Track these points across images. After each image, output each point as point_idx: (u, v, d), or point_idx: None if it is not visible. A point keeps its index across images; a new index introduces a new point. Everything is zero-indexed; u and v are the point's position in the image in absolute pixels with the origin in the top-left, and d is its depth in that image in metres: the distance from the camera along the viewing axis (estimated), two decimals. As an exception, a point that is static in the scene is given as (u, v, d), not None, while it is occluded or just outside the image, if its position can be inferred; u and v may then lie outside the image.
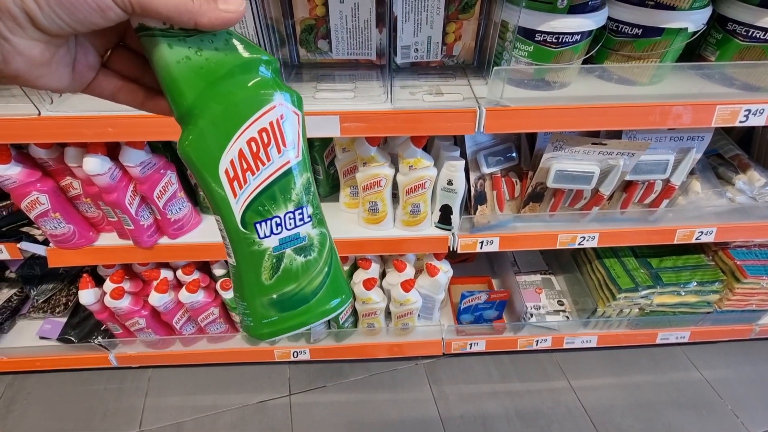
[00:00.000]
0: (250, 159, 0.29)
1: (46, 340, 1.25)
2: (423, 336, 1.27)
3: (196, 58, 0.27)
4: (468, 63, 0.89)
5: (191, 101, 0.28)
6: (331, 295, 0.35)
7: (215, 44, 0.27)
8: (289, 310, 0.34)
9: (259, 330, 0.34)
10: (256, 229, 0.31)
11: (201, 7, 0.25)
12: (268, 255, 0.32)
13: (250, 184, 0.30)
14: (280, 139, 0.30)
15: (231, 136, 0.29)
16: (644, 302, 1.17)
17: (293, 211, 0.32)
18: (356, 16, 0.81)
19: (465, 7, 0.80)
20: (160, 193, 0.92)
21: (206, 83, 0.27)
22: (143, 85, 0.32)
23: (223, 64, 0.28)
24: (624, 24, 0.77)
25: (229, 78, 0.28)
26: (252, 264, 0.32)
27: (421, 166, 0.90)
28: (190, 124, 0.28)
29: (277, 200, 0.31)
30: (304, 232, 0.33)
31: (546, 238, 1.04)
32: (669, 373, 1.33)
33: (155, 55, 0.27)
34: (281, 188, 0.31)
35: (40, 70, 0.26)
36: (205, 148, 0.29)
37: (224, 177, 0.29)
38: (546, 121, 0.79)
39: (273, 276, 0.32)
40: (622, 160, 0.88)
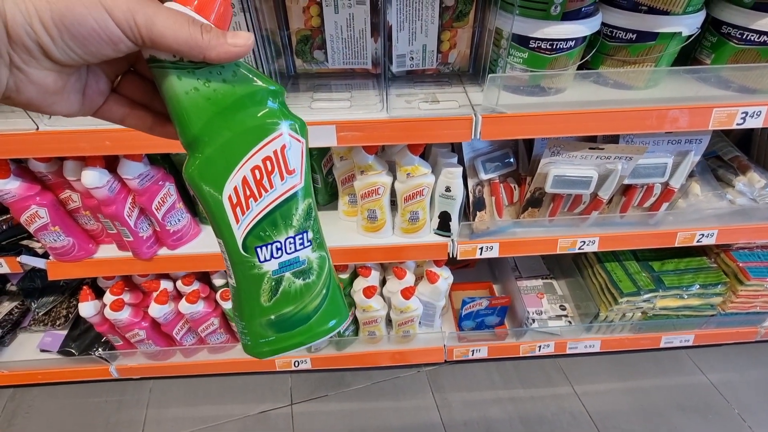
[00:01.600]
0: (254, 186, 0.30)
1: (47, 352, 1.25)
2: (424, 343, 1.26)
3: (204, 89, 0.28)
4: (463, 70, 0.89)
5: (198, 130, 0.29)
6: (328, 316, 0.36)
7: (223, 75, 0.28)
8: (286, 331, 0.34)
9: (256, 349, 0.35)
10: (256, 253, 0.32)
11: (210, 41, 0.26)
12: (267, 278, 0.33)
13: (253, 210, 0.31)
14: (284, 167, 0.31)
15: (235, 165, 0.30)
16: (647, 306, 1.16)
17: (294, 236, 0.33)
18: (351, 27, 0.81)
19: (459, 15, 0.80)
20: (159, 204, 0.92)
21: (213, 113, 0.28)
22: (152, 110, 0.32)
23: (230, 94, 0.29)
24: (618, 29, 0.77)
25: (236, 108, 0.29)
26: (251, 286, 0.33)
27: (419, 173, 0.90)
28: (196, 151, 0.29)
29: (278, 226, 0.32)
30: (304, 256, 0.33)
31: (546, 243, 1.04)
32: (674, 377, 1.32)
33: (165, 85, 0.28)
34: (283, 214, 0.32)
35: (53, 98, 0.27)
36: (210, 175, 0.30)
37: (227, 203, 0.30)
38: (542, 127, 0.79)
39: (272, 298, 0.33)
40: (620, 165, 0.87)
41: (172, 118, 0.29)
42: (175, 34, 0.25)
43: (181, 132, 0.29)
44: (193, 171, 0.30)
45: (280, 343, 0.34)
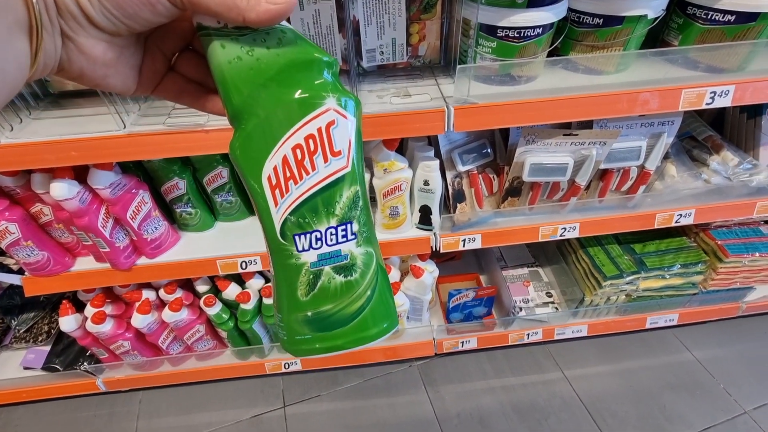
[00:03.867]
0: (294, 167, 0.28)
1: (30, 370, 1.22)
2: (414, 338, 1.26)
3: (247, 59, 0.26)
4: (435, 62, 0.88)
5: (240, 103, 0.27)
6: (371, 322, 0.32)
7: (267, 42, 0.26)
8: (323, 331, 0.31)
9: (292, 346, 0.32)
10: (294, 241, 0.29)
11: (249, 2, 0.24)
12: (305, 270, 0.30)
13: (292, 193, 0.28)
14: (328, 148, 0.28)
15: (276, 142, 0.27)
16: (630, 288, 1.17)
17: (336, 227, 0.30)
18: (318, 23, 0.80)
19: (426, 6, 0.80)
20: (134, 213, 0.91)
21: (256, 84, 0.26)
22: (207, 87, 0.31)
23: (274, 64, 0.26)
24: (585, 14, 0.77)
25: (280, 79, 0.27)
26: (288, 277, 0.30)
27: (396, 168, 0.90)
28: (240, 126, 0.28)
29: (319, 213, 0.29)
30: (347, 250, 0.30)
31: (527, 232, 1.04)
32: (661, 356, 1.34)
33: (209, 54, 0.26)
34: (325, 200, 0.29)
35: (104, 70, 0.26)
36: (251, 152, 0.28)
37: (266, 184, 0.28)
38: (515, 116, 0.79)
39: (309, 293, 0.31)
40: (595, 150, 0.88)
41: (218, 90, 0.27)
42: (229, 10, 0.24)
43: (226, 104, 0.27)
44: (235, 147, 0.28)
45: (317, 342, 0.31)
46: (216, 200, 1.04)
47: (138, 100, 0.80)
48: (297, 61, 0.27)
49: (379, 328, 0.32)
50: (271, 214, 0.29)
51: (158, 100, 0.83)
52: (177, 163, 0.94)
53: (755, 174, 0.99)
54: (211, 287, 1.14)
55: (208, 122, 0.75)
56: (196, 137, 0.75)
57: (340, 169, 0.29)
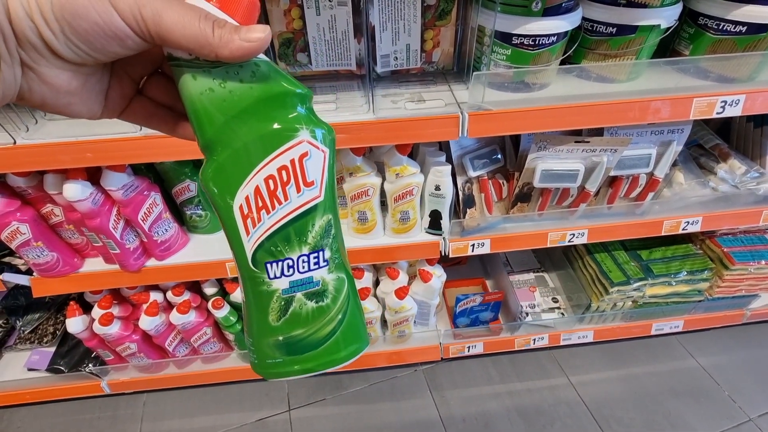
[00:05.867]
0: (267, 197, 0.28)
1: (34, 371, 1.22)
2: (420, 342, 1.26)
3: (220, 90, 0.26)
4: (448, 69, 0.89)
5: (212, 134, 0.27)
6: (342, 344, 0.32)
7: (240, 75, 0.26)
8: (294, 354, 0.32)
9: (263, 369, 0.33)
10: (266, 268, 0.30)
11: (221, 38, 0.24)
12: (276, 296, 0.30)
13: (264, 222, 0.29)
14: (301, 179, 0.28)
15: (249, 172, 0.28)
16: (637, 294, 1.18)
17: (308, 255, 0.30)
18: (334, 28, 0.81)
19: (441, 14, 0.80)
20: (145, 215, 0.90)
21: (228, 116, 0.27)
22: (176, 112, 0.31)
23: (247, 96, 0.27)
24: (598, 23, 0.78)
25: (253, 111, 0.27)
26: (260, 303, 0.31)
27: (408, 173, 0.90)
28: (212, 156, 0.28)
29: (291, 241, 0.29)
30: (318, 277, 0.31)
31: (536, 238, 1.05)
32: (666, 362, 1.34)
33: (181, 84, 0.26)
34: (297, 229, 0.29)
35: (68, 98, 0.25)
36: (223, 182, 0.28)
37: (238, 213, 0.28)
38: (528, 123, 0.79)
39: (280, 318, 0.31)
40: (606, 157, 0.88)
41: (189, 120, 0.27)
42: (183, 30, 0.23)
43: (198, 134, 0.27)
44: (207, 176, 0.28)
45: (288, 366, 0.32)
46: (226, 203, 1.04)
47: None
48: (271, 93, 0.27)
49: (349, 351, 0.33)
50: (243, 242, 0.29)
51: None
52: (189, 165, 0.95)
53: (762, 182, 1.00)
54: (219, 290, 1.14)
55: (224, 125, 0.75)
56: (211, 140, 0.75)
57: (313, 199, 0.29)
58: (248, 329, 0.33)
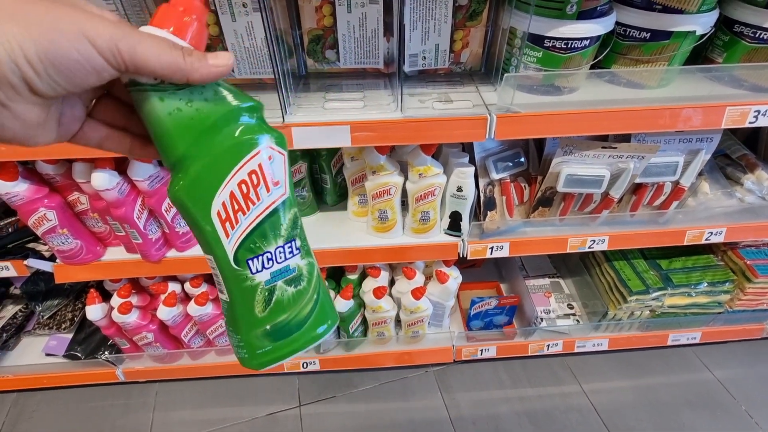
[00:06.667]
0: (241, 200, 0.31)
1: (52, 356, 1.23)
2: (433, 343, 1.26)
3: (187, 110, 0.28)
4: (475, 70, 0.89)
5: (183, 150, 0.29)
6: (320, 321, 0.36)
7: (204, 95, 0.29)
8: (281, 339, 0.35)
9: (254, 361, 0.35)
10: (248, 265, 0.32)
11: (192, 64, 0.27)
12: (260, 289, 0.33)
13: (242, 223, 0.31)
14: (269, 179, 0.32)
15: (222, 180, 0.30)
16: (655, 304, 1.16)
17: (283, 246, 0.34)
18: (364, 26, 0.81)
19: (472, 14, 0.80)
20: (169, 206, 0.91)
21: (197, 132, 0.29)
22: (130, 133, 0.32)
23: (213, 113, 0.29)
24: (632, 28, 0.77)
25: (219, 126, 0.30)
26: (245, 298, 0.33)
27: (431, 173, 0.90)
28: (180, 171, 0.30)
29: (267, 237, 0.33)
30: (294, 264, 0.34)
31: (556, 243, 1.04)
32: (681, 374, 1.32)
33: (146, 108, 0.28)
34: (271, 225, 0.33)
35: (35, 131, 0.26)
36: (197, 193, 0.30)
37: (216, 219, 0.31)
38: (556, 126, 0.78)
39: (266, 308, 0.34)
40: (632, 163, 0.87)
41: (155, 140, 0.29)
42: (158, 59, 0.26)
43: (166, 153, 0.29)
44: (179, 190, 0.30)
45: (277, 351, 0.35)
46: (247, 197, 1.04)
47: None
48: (233, 108, 0.30)
49: (327, 325, 0.37)
50: (223, 245, 0.32)
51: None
52: (213, 158, 0.95)
53: (790, 195, 0.98)
54: (236, 283, 1.14)
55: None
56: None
57: (281, 196, 0.33)
58: (234, 327, 0.35)
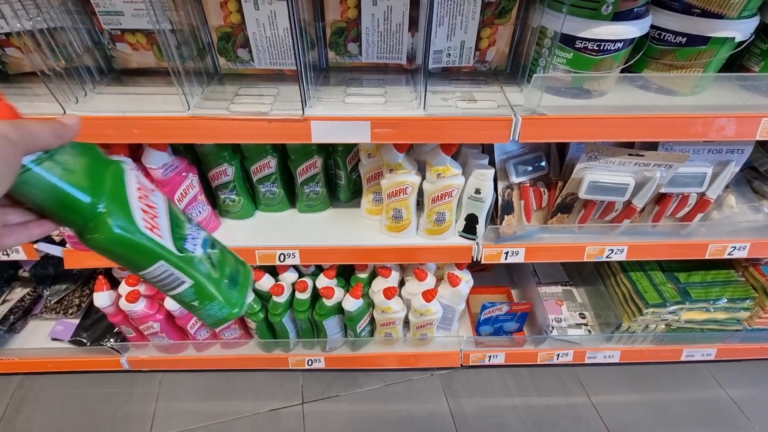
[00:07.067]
0: (148, 209, 0.38)
1: (58, 341, 1.23)
2: (441, 347, 1.24)
3: (73, 165, 0.33)
4: (500, 69, 0.86)
5: (89, 195, 0.34)
6: (241, 261, 0.49)
7: (74, 149, 0.34)
8: (236, 283, 0.45)
9: (236, 307, 0.44)
10: (187, 248, 0.40)
11: (63, 128, 0.33)
12: (204, 259, 0.42)
13: (162, 223, 0.39)
14: (149, 186, 0.40)
15: (128, 203, 0.36)
16: (672, 318, 1.13)
17: (191, 226, 0.43)
18: (388, 20, 0.79)
19: (501, 12, 0.77)
20: (181, 195, 0.90)
21: (86, 177, 0.34)
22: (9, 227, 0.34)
23: (87, 159, 0.35)
24: (667, 32, 0.74)
25: (97, 166, 0.35)
26: (202, 271, 0.42)
27: (450, 174, 0.88)
28: (93, 219, 0.34)
29: (180, 224, 0.41)
30: (204, 235, 0.44)
31: (573, 250, 1.01)
32: (693, 390, 1.29)
33: (37, 182, 0.32)
34: (173, 216, 0.41)
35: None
36: (122, 221, 0.35)
37: (148, 231, 0.37)
38: (583, 131, 0.76)
39: (216, 269, 0.43)
40: (659, 172, 0.85)
41: (55, 208, 0.33)
42: (46, 135, 0.31)
43: (76, 208, 0.34)
44: (108, 228, 0.34)
45: (241, 292, 0.45)
46: (260, 190, 1.03)
47: (201, 83, 0.79)
48: (95, 151, 0.36)
49: (244, 264, 0.49)
50: (166, 246, 0.38)
51: (219, 85, 0.82)
52: (228, 149, 0.94)
53: (821, 212, 0.95)
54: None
55: (271, 111, 0.74)
56: (259, 125, 0.74)
57: (164, 194, 0.42)
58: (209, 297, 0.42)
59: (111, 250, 0.36)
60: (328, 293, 1.06)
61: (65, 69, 0.73)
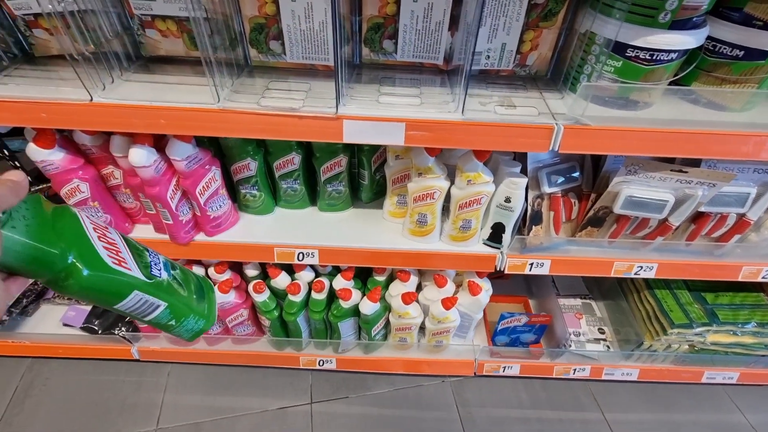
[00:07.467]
0: (109, 245, 0.39)
1: (69, 327, 1.22)
2: (455, 355, 1.21)
3: (32, 219, 0.34)
4: (541, 74, 0.83)
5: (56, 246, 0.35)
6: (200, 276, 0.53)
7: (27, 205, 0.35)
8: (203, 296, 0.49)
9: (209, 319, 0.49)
10: (154, 275, 0.43)
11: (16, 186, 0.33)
12: (170, 281, 0.45)
13: (125, 255, 0.40)
14: (102, 223, 0.41)
15: (91, 242, 0.38)
16: (697, 339, 1.10)
17: (149, 253, 0.45)
18: (428, 17, 0.75)
19: (548, 14, 0.74)
20: (203, 189, 0.88)
21: (48, 229, 0.35)
22: None
23: (40, 211, 0.36)
24: (724, 44, 0.70)
25: (50, 215, 0.36)
26: (172, 291, 0.44)
27: (481, 181, 0.85)
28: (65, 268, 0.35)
29: (140, 253, 0.43)
30: (163, 258, 0.46)
31: (600, 265, 0.98)
32: (711, 413, 1.25)
33: (8, 244, 0.32)
34: (132, 247, 0.43)
35: None
36: (92, 264, 0.37)
37: (116, 266, 0.39)
38: (627, 144, 0.72)
39: (182, 287, 0.46)
40: (701, 191, 0.81)
41: (25, 265, 0.34)
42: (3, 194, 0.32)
43: (47, 263, 0.35)
44: (81, 275, 0.36)
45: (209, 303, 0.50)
46: (281, 186, 1.01)
47: (231, 75, 0.77)
48: (41, 201, 0.37)
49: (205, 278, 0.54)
50: (136, 276, 0.41)
51: (249, 77, 0.80)
52: (252, 143, 0.91)
53: None
54: (260, 273, 1.11)
55: (303, 107, 0.71)
56: (289, 122, 0.71)
57: (114, 230, 0.43)
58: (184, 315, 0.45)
59: (87, 293, 0.37)
60: (345, 295, 1.04)
61: (93, 53, 0.71)
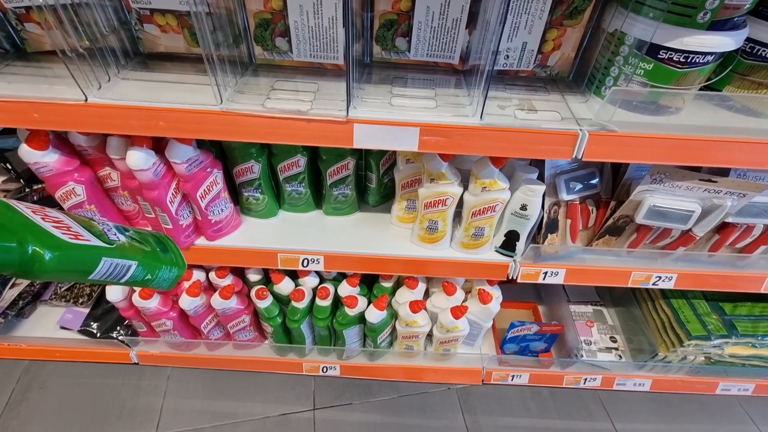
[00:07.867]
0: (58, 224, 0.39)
1: (66, 330, 1.19)
2: (463, 363, 1.18)
3: None
4: (562, 76, 0.78)
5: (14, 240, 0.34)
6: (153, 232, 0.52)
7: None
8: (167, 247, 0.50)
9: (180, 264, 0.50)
10: (112, 239, 0.43)
11: None
12: (129, 242, 0.45)
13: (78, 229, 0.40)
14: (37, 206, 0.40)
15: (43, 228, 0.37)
16: (715, 352, 1.06)
17: (98, 221, 0.45)
18: (445, 14, 0.71)
19: (573, 12, 0.69)
20: (204, 192, 0.84)
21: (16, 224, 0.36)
22: None
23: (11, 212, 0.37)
24: (763, 46, 0.66)
25: None
26: (137, 251, 0.45)
27: (496, 188, 0.80)
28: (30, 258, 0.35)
29: (90, 223, 0.43)
30: (113, 224, 0.46)
31: (617, 275, 0.94)
32: (723, 425, 1.22)
33: None
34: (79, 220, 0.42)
35: None
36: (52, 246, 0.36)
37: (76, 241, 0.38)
38: (656, 152, 0.68)
39: (143, 243, 0.47)
40: (730, 201, 0.76)
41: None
42: None
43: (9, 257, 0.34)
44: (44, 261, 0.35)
45: (176, 250, 0.50)
46: (285, 189, 0.97)
47: (234, 73, 0.72)
48: None
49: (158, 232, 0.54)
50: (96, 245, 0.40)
51: (253, 76, 0.75)
52: (256, 145, 0.87)
53: None
54: (263, 278, 1.08)
55: (311, 110, 0.67)
56: (296, 125, 0.67)
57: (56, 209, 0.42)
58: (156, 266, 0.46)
59: (59, 274, 0.37)
60: (351, 302, 1.00)
61: (88, 50, 0.66)
